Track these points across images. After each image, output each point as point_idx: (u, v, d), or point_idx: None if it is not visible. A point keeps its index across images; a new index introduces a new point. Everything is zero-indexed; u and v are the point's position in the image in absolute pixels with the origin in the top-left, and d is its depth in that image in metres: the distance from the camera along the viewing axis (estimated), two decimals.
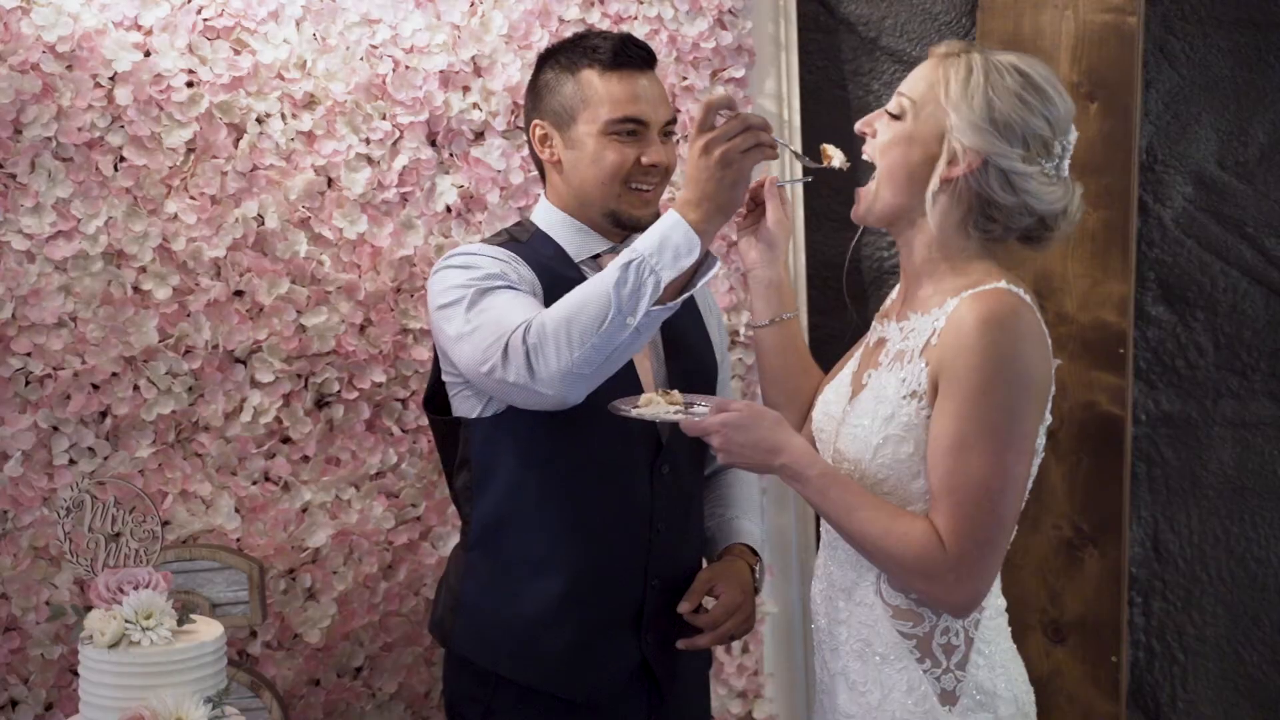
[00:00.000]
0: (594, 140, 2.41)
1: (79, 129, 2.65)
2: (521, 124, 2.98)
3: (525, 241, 2.45)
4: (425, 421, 2.93)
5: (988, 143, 2.03)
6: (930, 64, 2.11)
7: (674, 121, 2.51)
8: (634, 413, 2.19)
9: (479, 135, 2.97)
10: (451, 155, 2.95)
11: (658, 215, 2.44)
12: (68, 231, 2.66)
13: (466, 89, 2.95)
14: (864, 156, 2.16)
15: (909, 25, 3.35)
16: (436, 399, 2.49)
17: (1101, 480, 3.18)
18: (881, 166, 2.12)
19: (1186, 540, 3.37)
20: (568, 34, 2.97)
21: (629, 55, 2.43)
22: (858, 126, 2.16)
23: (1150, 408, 3.35)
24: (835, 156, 2.25)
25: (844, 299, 2.42)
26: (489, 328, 2.24)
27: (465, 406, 2.42)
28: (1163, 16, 3.29)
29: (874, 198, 2.14)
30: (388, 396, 2.92)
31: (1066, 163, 2.10)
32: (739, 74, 3.16)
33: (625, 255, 2.12)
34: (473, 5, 2.94)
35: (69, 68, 2.65)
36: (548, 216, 2.50)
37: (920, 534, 2.01)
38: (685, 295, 2.15)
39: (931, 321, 2.06)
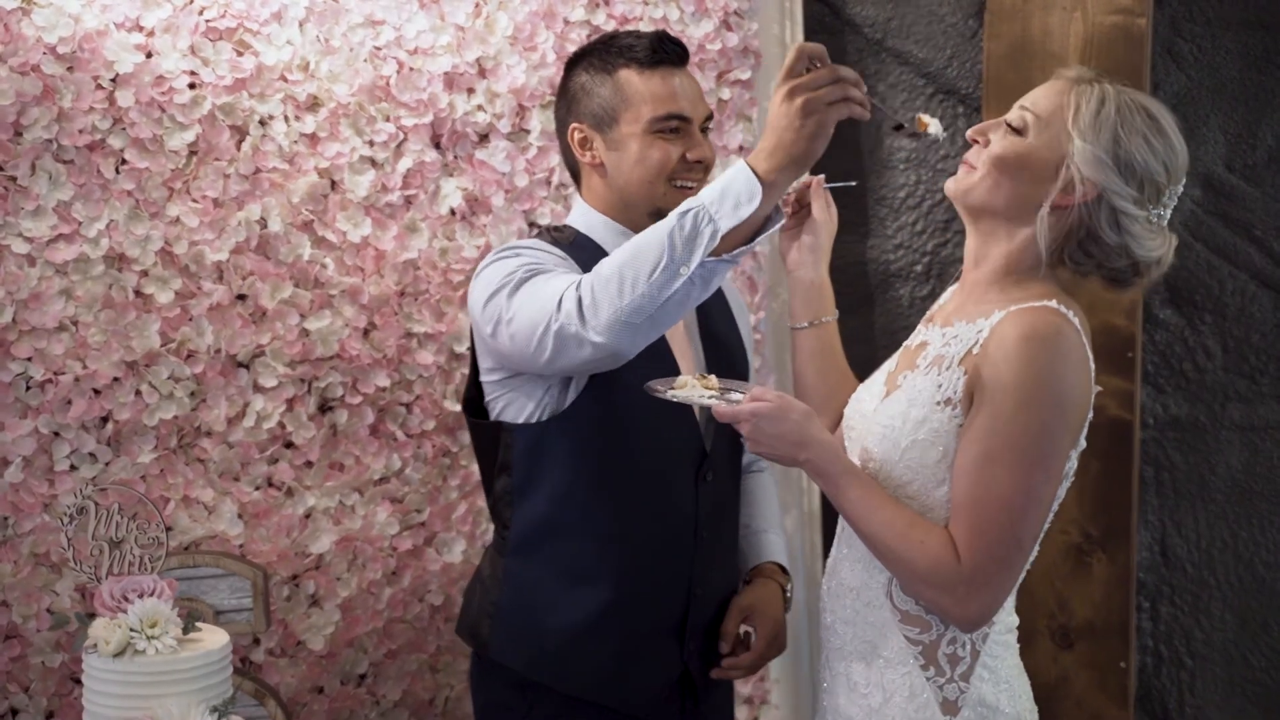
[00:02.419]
0: (638, 139, 2.40)
1: (80, 131, 2.63)
2: (527, 126, 2.97)
3: (566, 244, 2.43)
4: (429, 426, 2.92)
5: (1107, 177, 2.01)
6: (1058, 85, 2.08)
7: (711, 117, 2.50)
8: (669, 394, 2.17)
9: (483, 137, 2.95)
10: (456, 158, 2.93)
11: None
12: (69, 235, 2.64)
13: (471, 91, 2.93)
14: (978, 161, 2.12)
15: (915, 27, 3.34)
16: (474, 403, 2.47)
17: (1109, 485, 3.16)
18: (993, 172, 2.08)
19: (1194, 545, 3.36)
20: (573, 36, 2.98)
21: (666, 52, 2.43)
22: (970, 133, 2.14)
23: (1158, 412, 3.33)
24: (932, 125, 2.19)
25: (849, 303, 2.41)
26: (541, 297, 2.20)
27: (511, 411, 2.39)
28: (1171, 18, 3.28)
29: (975, 188, 2.10)
30: (391, 401, 2.90)
31: (1169, 213, 2.08)
32: (745, 75, 3.14)
33: (686, 204, 2.06)
34: (477, 7, 2.92)
35: (70, 69, 2.62)
36: (587, 219, 2.48)
37: (936, 543, 2.00)
38: (747, 248, 2.08)
39: (975, 331, 2.05)
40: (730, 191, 2.03)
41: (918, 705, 2.08)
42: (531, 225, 2.99)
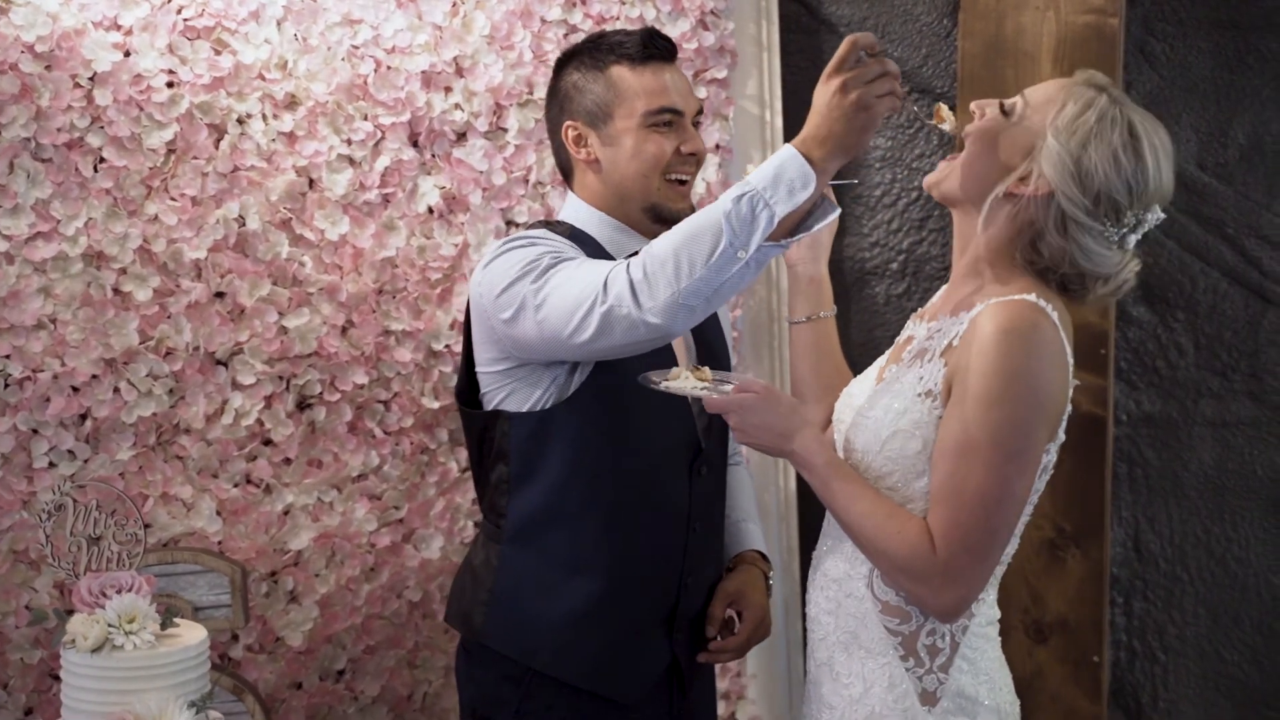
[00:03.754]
0: (632, 134, 2.42)
1: (58, 130, 2.64)
2: (504, 125, 2.98)
3: (565, 237, 2.43)
4: (407, 423, 2.93)
5: (1063, 180, 2.01)
6: (1061, 82, 2.09)
7: (701, 111, 2.52)
8: (663, 385, 2.18)
9: (461, 136, 2.96)
10: (433, 156, 2.94)
11: (693, 208, 2.45)
12: (47, 233, 2.65)
13: (448, 89, 2.94)
14: (963, 133, 2.13)
15: (890, 26, 3.35)
16: (466, 393, 2.48)
17: (1083, 481, 3.18)
18: (966, 152, 2.11)
19: (1167, 540, 3.38)
20: (550, 35, 2.99)
21: (656, 47, 2.45)
22: (973, 104, 2.13)
23: (1131, 408, 3.35)
24: (948, 120, 2.19)
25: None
26: (579, 280, 2.20)
27: (512, 401, 2.40)
28: (1143, 18, 3.30)
29: (946, 175, 2.13)
30: (370, 399, 2.91)
31: (1135, 237, 2.07)
32: (721, 75, 3.15)
33: (736, 189, 2.07)
34: (454, 6, 2.93)
35: (48, 68, 2.63)
36: (582, 215, 2.48)
37: (914, 534, 2.02)
38: (799, 236, 2.10)
39: (957, 324, 2.06)
40: (783, 177, 2.04)
41: (896, 695, 2.09)
42: (510, 224, 3.00)
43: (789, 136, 3.21)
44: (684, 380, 2.21)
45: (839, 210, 2.12)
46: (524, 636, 2.42)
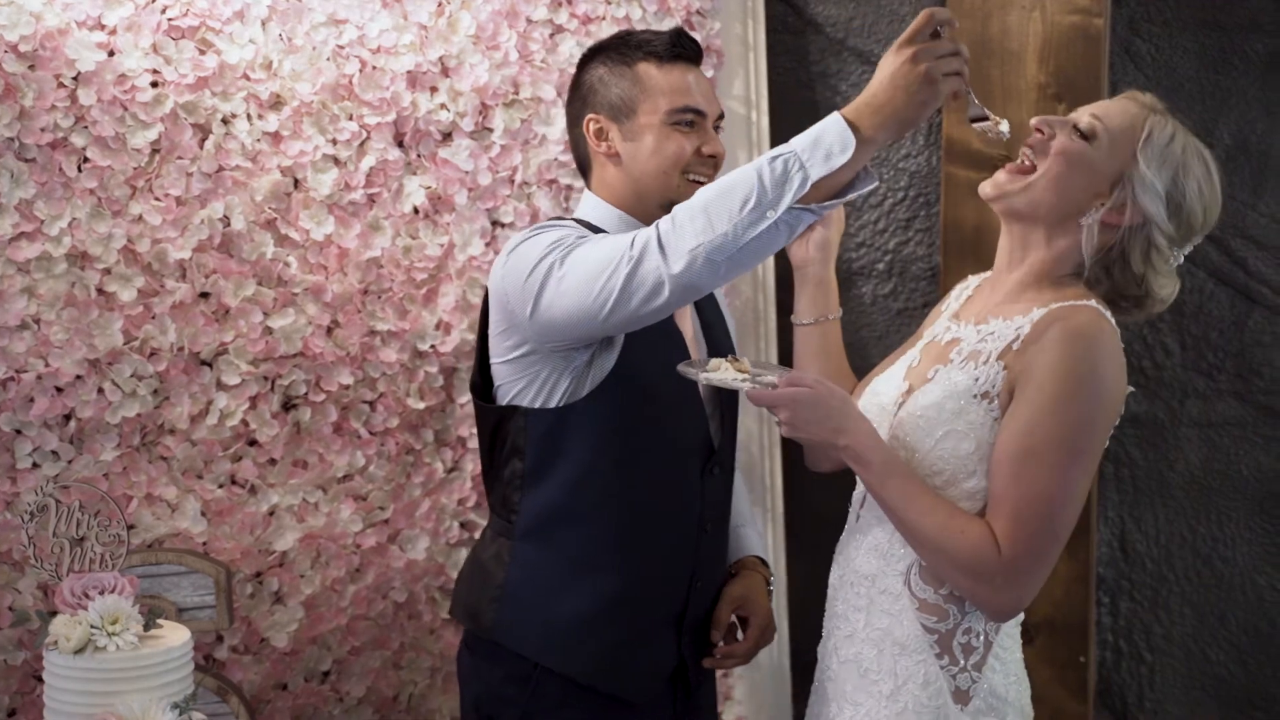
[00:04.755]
0: (655, 131, 2.43)
1: (42, 129, 2.63)
2: (489, 125, 2.97)
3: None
4: (393, 424, 2.92)
5: (1158, 211, 2.06)
6: (1131, 108, 2.12)
7: (723, 116, 2.53)
8: (702, 377, 2.17)
9: (447, 136, 2.96)
10: (419, 156, 2.94)
11: None
12: (31, 233, 2.64)
13: (434, 89, 2.93)
14: (1024, 148, 2.14)
15: (876, 27, 3.35)
16: (479, 388, 2.49)
17: None
18: (1050, 172, 2.11)
19: (1154, 540, 3.38)
20: (536, 35, 2.99)
21: (684, 48, 2.47)
22: (1036, 121, 2.14)
23: None
24: (1003, 123, 2.15)
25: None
26: (602, 247, 2.19)
27: (527, 396, 2.40)
28: (1129, 18, 3.30)
29: (1019, 192, 2.13)
30: (355, 399, 2.90)
31: (1183, 257, 2.14)
32: (707, 74, 3.15)
33: (775, 150, 2.06)
34: (440, 6, 2.93)
35: (31, 67, 2.62)
36: (599, 212, 2.49)
37: (977, 534, 2.03)
38: (835, 202, 2.07)
39: (1014, 327, 2.08)
40: (823, 141, 2.02)
41: (930, 693, 2.11)
42: (495, 224, 3.00)
43: (775, 137, 3.23)
44: (724, 372, 2.19)
45: (876, 181, 2.10)
46: (535, 633, 2.43)
